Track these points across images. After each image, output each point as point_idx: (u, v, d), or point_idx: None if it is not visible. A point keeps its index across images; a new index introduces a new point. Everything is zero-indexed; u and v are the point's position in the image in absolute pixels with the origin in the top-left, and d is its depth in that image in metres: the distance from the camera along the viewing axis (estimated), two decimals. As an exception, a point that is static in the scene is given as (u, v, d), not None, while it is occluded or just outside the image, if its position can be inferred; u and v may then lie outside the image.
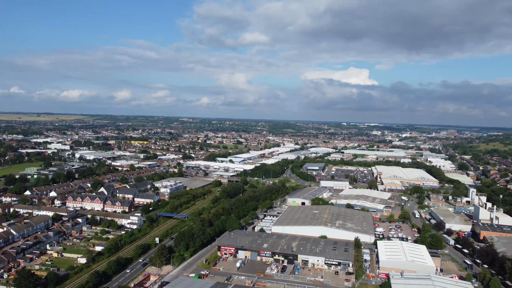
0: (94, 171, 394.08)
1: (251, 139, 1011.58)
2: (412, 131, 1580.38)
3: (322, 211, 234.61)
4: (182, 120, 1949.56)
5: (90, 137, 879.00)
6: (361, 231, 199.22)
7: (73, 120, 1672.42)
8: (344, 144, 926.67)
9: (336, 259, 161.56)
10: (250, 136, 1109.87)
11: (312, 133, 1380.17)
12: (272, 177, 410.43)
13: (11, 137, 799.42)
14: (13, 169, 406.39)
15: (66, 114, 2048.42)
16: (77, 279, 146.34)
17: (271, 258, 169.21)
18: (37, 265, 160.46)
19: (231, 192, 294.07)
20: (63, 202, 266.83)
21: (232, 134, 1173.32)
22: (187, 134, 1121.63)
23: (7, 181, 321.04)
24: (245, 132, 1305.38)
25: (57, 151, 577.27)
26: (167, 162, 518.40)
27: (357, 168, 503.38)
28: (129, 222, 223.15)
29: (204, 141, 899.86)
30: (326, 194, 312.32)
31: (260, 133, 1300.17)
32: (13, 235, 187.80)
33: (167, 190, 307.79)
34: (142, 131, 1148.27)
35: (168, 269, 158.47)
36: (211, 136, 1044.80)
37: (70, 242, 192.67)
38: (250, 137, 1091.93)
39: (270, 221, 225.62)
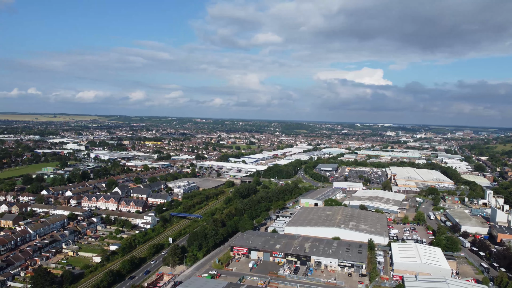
0: (109, 171, 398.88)
1: (264, 140, 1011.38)
2: (427, 132, 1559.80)
3: (335, 212, 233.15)
4: (195, 120, 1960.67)
5: (105, 137, 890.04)
6: (375, 232, 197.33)
7: (88, 121, 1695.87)
8: (358, 145, 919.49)
9: (350, 261, 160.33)
10: (263, 137, 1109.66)
11: (325, 133, 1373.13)
12: (285, 177, 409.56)
13: (28, 137, 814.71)
14: (30, 169, 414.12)
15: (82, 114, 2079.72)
16: (92, 278, 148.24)
17: (283, 259, 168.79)
18: (53, 264, 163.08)
19: (243, 193, 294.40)
20: (79, 201, 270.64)
21: (245, 134, 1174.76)
22: (200, 134, 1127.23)
23: (24, 181, 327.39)
24: (258, 132, 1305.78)
25: (73, 151, 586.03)
26: (181, 162, 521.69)
27: (371, 169, 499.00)
28: (143, 222, 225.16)
29: (217, 141, 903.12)
30: (339, 195, 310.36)
31: (273, 133, 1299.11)
32: (30, 234, 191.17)
33: (180, 190, 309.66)
34: (155, 132, 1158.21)
35: (181, 269, 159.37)
36: (224, 137, 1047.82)
37: (85, 241, 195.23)
38: (263, 137, 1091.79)
39: (282, 222, 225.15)
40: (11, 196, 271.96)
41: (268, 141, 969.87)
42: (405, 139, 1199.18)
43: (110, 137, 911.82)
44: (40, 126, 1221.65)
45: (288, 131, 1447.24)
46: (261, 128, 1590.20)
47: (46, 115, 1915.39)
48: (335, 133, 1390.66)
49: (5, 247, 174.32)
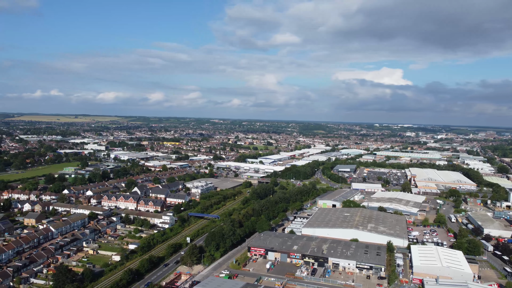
0: (128, 171, 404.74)
1: (281, 140, 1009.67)
2: (448, 133, 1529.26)
3: (354, 214, 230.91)
4: (213, 121, 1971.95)
5: (124, 138, 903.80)
6: (394, 235, 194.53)
7: (108, 122, 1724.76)
8: (377, 146, 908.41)
9: (368, 263, 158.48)
10: (280, 137, 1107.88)
11: (343, 134, 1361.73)
12: (303, 178, 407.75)
13: (50, 138, 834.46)
14: (52, 169, 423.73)
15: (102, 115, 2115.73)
16: (111, 276, 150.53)
17: (301, 260, 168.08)
18: (74, 262, 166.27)
19: (261, 193, 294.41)
20: (99, 201, 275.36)
21: (262, 135, 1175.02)
22: (218, 135, 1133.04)
23: (47, 180, 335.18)
24: (275, 133, 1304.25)
25: (93, 152, 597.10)
26: (198, 162, 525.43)
27: (390, 170, 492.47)
28: (161, 222, 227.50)
29: (234, 142, 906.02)
30: (357, 196, 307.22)
31: (290, 134, 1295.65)
32: (52, 232, 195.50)
33: (198, 190, 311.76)
34: (174, 132, 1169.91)
35: (198, 269, 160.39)
36: (242, 137, 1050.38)
37: (105, 240, 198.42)
38: (280, 138, 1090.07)
39: (300, 223, 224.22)
40: (34, 195, 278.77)
41: (285, 142, 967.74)
42: (425, 140, 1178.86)
43: (129, 137, 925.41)
44: (62, 127, 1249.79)
45: (305, 131, 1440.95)
46: (278, 128, 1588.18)
47: (68, 116, 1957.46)
48: (353, 134, 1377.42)
49: (29, 245, 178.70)
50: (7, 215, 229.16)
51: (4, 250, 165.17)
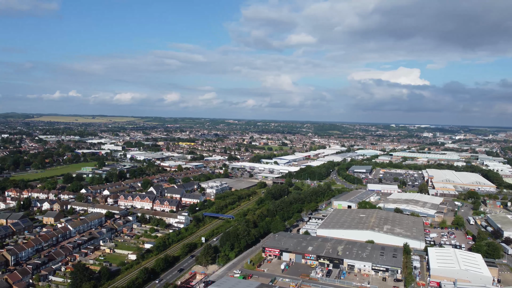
0: (144, 171, 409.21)
1: (296, 141, 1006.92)
2: (467, 133, 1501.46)
3: (369, 215, 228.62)
4: (228, 122, 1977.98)
5: (140, 138, 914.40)
6: (411, 236, 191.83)
7: (125, 122, 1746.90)
8: (393, 146, 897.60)
9: (384, 265, 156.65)
10: (295, 138, 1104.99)
11: (359, 135, 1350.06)
12: (318, 179, 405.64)
13: (69, 138, 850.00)
14: (71, 168, 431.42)
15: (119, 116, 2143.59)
16: (127, 275, 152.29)
17: (316, 261, 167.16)
18: (91, 260, 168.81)
19: (276, 194, 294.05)
20: (115, 200, 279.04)
21: (277, 135, 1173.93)
22: (233, 135, 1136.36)
23: (65, 180, 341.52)
24: (290, 133, 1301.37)
25: (110, 152, 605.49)
26: (213, 163, 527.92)
27: (407, 171, 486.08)
28: (177, 221, 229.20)
29: (249, 142, 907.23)
30: (373, 197, 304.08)
31: (305, 134, 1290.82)
32: (70, 231, 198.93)
33: (213, 190, 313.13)
34: (189, 133, 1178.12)
35: (213, 269, 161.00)
36: (256, 138, 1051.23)
37: (122, 239, 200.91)
38: (295, 138, 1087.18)
39: (315, 224, 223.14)
40: (53, 194, 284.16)
41: (300, 142, 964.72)
42: (443, 140, 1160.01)
43: (145, 138, 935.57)
44: (80, 127, 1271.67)
45: (320, 132, 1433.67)
46: (293, 129, 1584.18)
47: (86, 117, 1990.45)
48: (369, 134, 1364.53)
49: (47, 243, 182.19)
50: (27, 213, 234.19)
51: (24, 248, 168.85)
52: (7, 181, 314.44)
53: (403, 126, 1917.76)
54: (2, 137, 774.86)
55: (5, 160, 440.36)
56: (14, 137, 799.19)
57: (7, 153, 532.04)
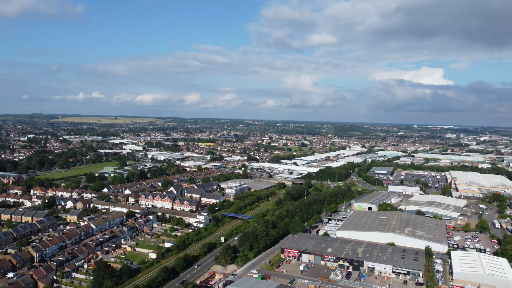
0: (165, 171, 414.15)
1: (316, 142, 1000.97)
2: (492, 134, 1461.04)
3: (390, 217, 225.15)
4: (248, 122, 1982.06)
5: (161, 138, 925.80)
6: (433, 239, 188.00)
7: (146, 123, 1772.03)
8: (415, 148, 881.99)
9: (405, 268, 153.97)
10: (315, 139, 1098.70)
11: (380, 135, 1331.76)
12: (337, 180, 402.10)
13: (92, 138, 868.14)
14: (93, 168, 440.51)
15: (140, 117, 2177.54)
16: (148, 273, 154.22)
17: (335, 263, 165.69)
18: (113, 258, 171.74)
19: (295, 195, 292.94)
20: (136, 199, 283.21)
21: (296, 136, 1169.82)
22: (252, 136, 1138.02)
23: (88, 179, 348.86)
24: (310, 134, 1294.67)
25: (132, 152, 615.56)
26: (233, 163, 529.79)
27: (429, 173, 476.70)
28: (196, 221, 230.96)
29: (268, 143, 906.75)
30: (394, 199, 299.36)
31: (325, 135, 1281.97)
32: (93, 229, 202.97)
33: (232, 191, 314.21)
34: (209, 133, 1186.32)
35: (232, 269, 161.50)
36: (276, 139, 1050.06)
37: (142, 238, 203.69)
38: (315, 139, 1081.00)
39: (334, 225, 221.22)
40: (76, 193, 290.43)
41: (320, 143, 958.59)
42: (467, 141, 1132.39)
43: (166, 138, 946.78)
44: (103, 128, 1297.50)
45: (341, 133, 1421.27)
46: (313, 130, 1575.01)
47: (108, 117, 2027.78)
48: (391, 135, 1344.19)
49: (71, 240, 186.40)
50: (51, 211, 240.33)
51: (48, 245, 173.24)
52: (32, 180, 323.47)
53: (426, 127, 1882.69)
54: (28, 137, 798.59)
55: (31, 160, 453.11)
56: (39, 137, 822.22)
57: (33, 152, 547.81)
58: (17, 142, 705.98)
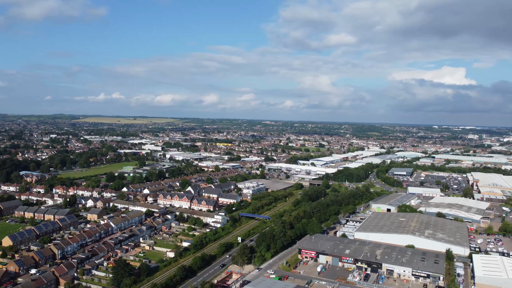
0: (183, 171, 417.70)
1: (333, 142, 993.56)
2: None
3: (410, 219, 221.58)
4: (265, 123, 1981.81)
5: (179, 139, 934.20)
6: (454, 242, 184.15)
7: (165, 123, 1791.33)
8: (435, 149, 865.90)
9: (425, 271, 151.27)
10: (332, 139, 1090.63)
11: (399, 136, 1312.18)
12: (356, 181, 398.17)
13: (111, 138, 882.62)
14: (113, 167, 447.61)
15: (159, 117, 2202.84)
16: (166, 272, 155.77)
17: (353, 265, 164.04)
18: (132, 256, 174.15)
19: (312, 196, 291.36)
20: (155, 199, 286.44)
21: (314, 137, 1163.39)
22: (270, 136, 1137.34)
23: (108, 178, 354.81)
24: (328, 135, 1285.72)
25: (150, 152, 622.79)
26: (250, 164, 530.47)
27: (450, 175, 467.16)
28: (214, 221, 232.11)
29: (286, 143, 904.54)
30: (414, 201, 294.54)
31: (343, 136, 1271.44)
32: (112, 228, 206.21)
33: (249, 191, 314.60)
34: (226, 134, 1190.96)
35: (249, 269, 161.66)
36: (293, 139, 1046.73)
37: (160, 237, 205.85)
38: (332, 140, 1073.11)
39: (352, 227, 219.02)
40: (97, 192, 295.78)
41: (338, 144, 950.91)
42: (489, 142, 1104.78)
43: (184, 138, 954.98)
44: (122, 128, 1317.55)
45: (359, 133, 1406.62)
46: (331, 130, 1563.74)
47: (127, 118, 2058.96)
48: (410, 136, 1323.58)
49: (91, 238, 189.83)
50: (73, 210, 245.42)
51: (69, 243, 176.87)
52: (55, 179, 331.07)
53: (447, 128, 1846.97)
54: (50, 137, 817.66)
55: (53, 159, 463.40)
56: (61, 137, 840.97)
57: (55, 152, 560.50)
58: (40, 142, 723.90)
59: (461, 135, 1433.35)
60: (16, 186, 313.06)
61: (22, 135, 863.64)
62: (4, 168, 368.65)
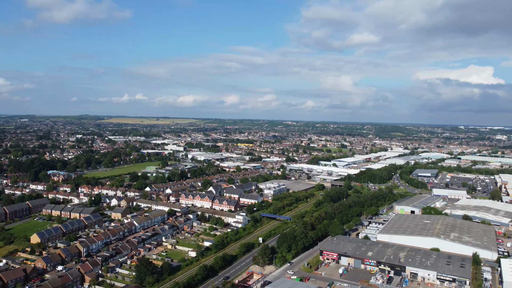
0: (204, 171, 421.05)
1: (356, 143, 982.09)
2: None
3: (435, 222, 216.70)
4: (286, 123, 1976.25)
5: (201, 139, 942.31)
6: (481, 246, 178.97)
7: (187, 124, 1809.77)
8: (461, 150, 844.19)
9: (451, 275, 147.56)
10: (355, 140, 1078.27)
11: (424, 137, 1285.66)
12: (378, 182, 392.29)
13: (135, 138, 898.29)
14: (136, 167, 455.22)
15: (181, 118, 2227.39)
16: (187, 271, 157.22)
17: (376, 267, 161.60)
18: (154, 255, 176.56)
19: (334, 197, 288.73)
20: (177, 198, 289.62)
21: (336, 137, 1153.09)
22: (291, 137, 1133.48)
23: (131, 178, 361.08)
24: (350, 135, 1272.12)
25: (173, 152, 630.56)
26: (271, 164, 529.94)
27: (477, 176, 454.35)
28: (235, 221, 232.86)
29: (307, 144, 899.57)
30: (439, 203, 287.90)
31: (366, 136, 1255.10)
32: (135, 226, 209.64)
33: (270, 191, 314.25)
34: (248, 134, 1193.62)
35: (270, 269, 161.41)
36: (315, 139, 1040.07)
37: (182, 236, 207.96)
38: (355, 140, 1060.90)
39: (375, 229, 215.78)
40: (121, 191, 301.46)
41: (360, 144, 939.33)
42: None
43: (205, 139, 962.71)
44: (145, 129, 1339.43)
45: (382, 134, 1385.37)
46: (353, 131, 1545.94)
47: (150, 118, 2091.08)
48: (435, 137, 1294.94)
49: (115, 237, 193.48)
50: (97, 209, 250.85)
51: (94, 241, 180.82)
52: (80, 178, 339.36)
53: (473, 128, 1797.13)
54: (76, 138, 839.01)
55: (79, 159, 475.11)
56: (87, 137, 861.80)
57: (80, 152, 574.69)
58: (67, 142, 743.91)
59: (488, 135, 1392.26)
60: (44, 185, 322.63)
61: (50, 135, 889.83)
62: (33, 168, 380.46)
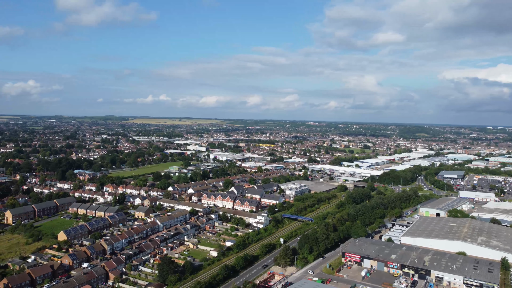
0: (226, 171, 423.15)
1: (379, 144, 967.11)
2: None
3: (461, 225, 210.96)
4: (308, 124, 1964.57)
5: (223, 140, 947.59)
6: (510, 250, 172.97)
7: (209, 124, 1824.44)
8: (489, 151, 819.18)
9: (478, 280, 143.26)
10: (378, 141, 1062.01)
11: (450, 137, 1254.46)
12: (402, 184, 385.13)
13: (158, 139, 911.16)
14: (159, 167, 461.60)
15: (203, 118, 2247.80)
16: (209, 270, 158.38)
17: (399, 270, 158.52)
18: (177, 254, 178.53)
19: (356, 198, 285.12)
20: (199, 198, 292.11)
21: (359, 138, 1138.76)
22: (313, 137, 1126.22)
23: (154, 178, 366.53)
24: (373, 136, 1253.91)
25: (195, 152, 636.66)
26: (293, 165, 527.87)
27: (506, 178, 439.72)
28: (256, 221, 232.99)
29: (329, 145, 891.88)
30: (465, 205, 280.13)
31: (389, 137, 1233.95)
32: (158, 225, 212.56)
33: (292, 192, 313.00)
34: (269, 135, 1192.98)
35: (291, 270, 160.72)
36: (337, 140, 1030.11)
37: (204, 236, 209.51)
38: (378, 141, 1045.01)
39: (399, 231, 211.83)
40: (144, 191, 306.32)
41: (384, 145, 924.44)
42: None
43: (227, 139, 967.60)
44: (168, 129, 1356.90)
45: (406, 134, 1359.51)
46: (376, 131, 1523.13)
47: (173, 119, 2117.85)
48: (462, 137, 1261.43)
49: (138, 235, 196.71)
50: (122, 207, 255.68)
51: (118, 239, 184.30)
52: (105, 178, 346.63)
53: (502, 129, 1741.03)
54: (102, 138, 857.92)
55: (104, 159, 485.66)
56: (112, 137, 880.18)
57: (105, 152, 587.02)
58: (92, 142, 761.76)
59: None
60: (70, 184, 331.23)
61: (76, 135, 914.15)
62: (60, 167, 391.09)
